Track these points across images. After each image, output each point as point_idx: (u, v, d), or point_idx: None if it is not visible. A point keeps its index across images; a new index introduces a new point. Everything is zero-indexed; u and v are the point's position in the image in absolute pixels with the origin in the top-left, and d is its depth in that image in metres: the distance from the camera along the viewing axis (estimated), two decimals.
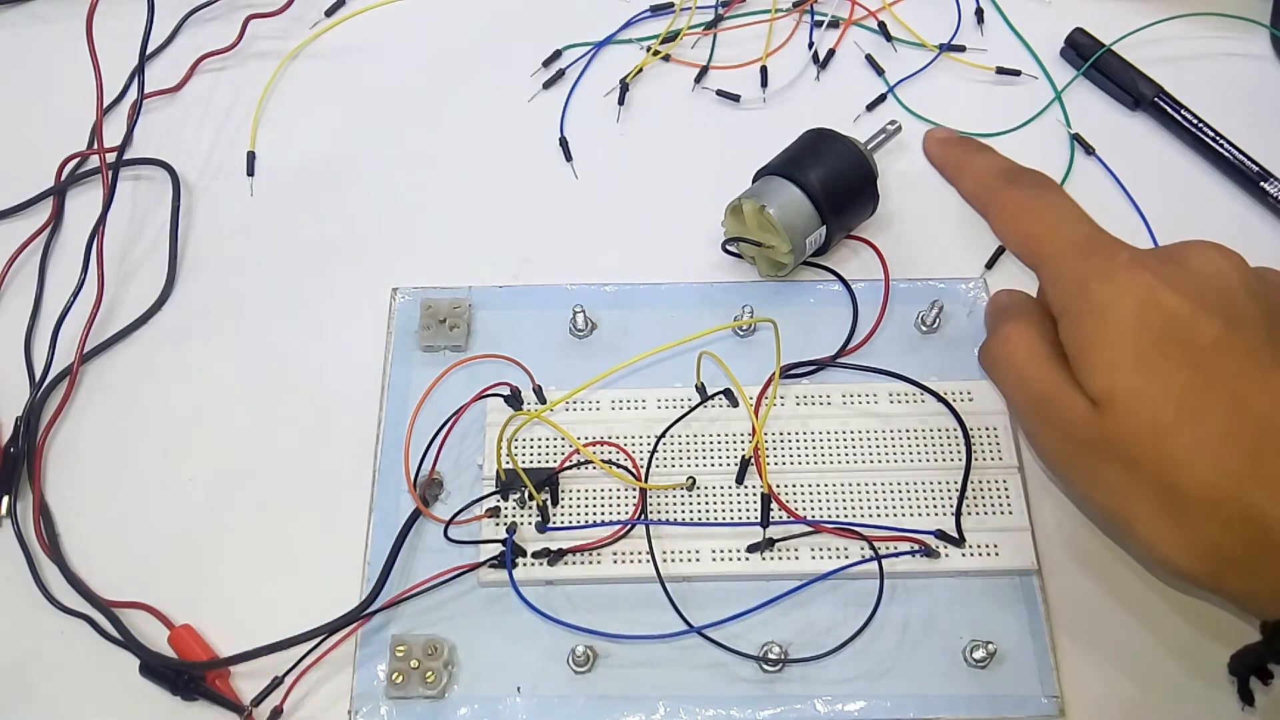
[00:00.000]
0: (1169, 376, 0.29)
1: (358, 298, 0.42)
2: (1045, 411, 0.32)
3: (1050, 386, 0.32)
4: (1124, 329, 0.30)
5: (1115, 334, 0.30)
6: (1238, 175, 0.45)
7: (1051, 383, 0.32)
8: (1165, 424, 0.29)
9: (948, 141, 0.37)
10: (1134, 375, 0.30)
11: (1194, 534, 0.29)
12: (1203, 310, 0.30)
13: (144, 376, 0.41)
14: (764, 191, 0.40)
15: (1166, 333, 0.30)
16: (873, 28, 0.50)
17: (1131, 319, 0.30)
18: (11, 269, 0.44)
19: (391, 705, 0.34)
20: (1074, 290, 0.32)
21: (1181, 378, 0.29)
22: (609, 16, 0.50)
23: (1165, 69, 0.47)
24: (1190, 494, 0.29)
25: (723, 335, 0.41)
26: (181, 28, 0.51)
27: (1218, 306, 0.30)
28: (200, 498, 0.39)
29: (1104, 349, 0.30)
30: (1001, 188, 0.35)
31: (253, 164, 0.47)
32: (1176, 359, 0.30)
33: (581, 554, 0.36)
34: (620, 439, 0.38)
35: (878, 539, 0.36)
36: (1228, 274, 0.31)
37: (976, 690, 0.34)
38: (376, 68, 0.50)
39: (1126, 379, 0.30)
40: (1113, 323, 0.30)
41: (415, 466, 0.38)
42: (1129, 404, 0.30)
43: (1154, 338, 0.30)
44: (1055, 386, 0.32)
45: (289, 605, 0.35)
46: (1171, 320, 0.30)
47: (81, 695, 0.36)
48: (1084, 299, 0.31)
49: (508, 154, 0.47)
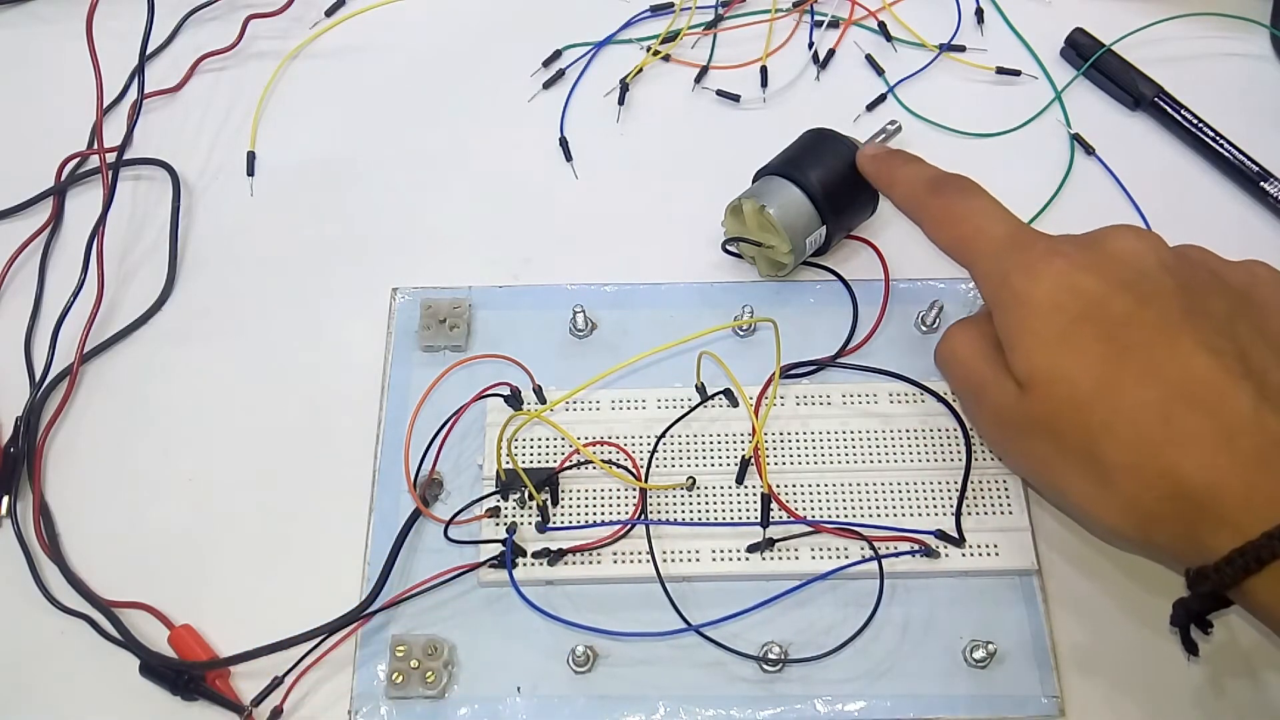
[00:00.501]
0: (1084, 352, 0.31)
1: (358, 298, 0.42)
2: (980, 398, 0.34)
3: (984, 375, 0.34)
4: (1043, 314, 0.32)
5: (1035, 320, 0.32)
6: (1238, 175, 0.45)
7: (985, 372, 0.34)
8: (1083, 397, 0.31)
9: (877, 157, 0.39)
10: (1053, 355, 0.32)
11: (1120, 495, 0.31)
12: (1116, 288, 0.32)
13: (144, 376, 0.41)
14: (764, 191, 0.40)
15: (1082, 313, 0.32)
16: (873, 28, 0.50)
17: (1049, 304, 0.32)
18: (11, 269, 0.44)
19: (391, 705, 0.34)
20: (999, 285, 0.33)
21: (1096, 352, 0.31)
22: (609, 16, 0.50)
23: (1165, 69, 0.47)
24: (1111, 459, 0.30)
25: (723, 335, 0.41)
26: (181, 28, 0.51)
27: (1131, 283, 0.32)
28: (200, 498, 0.39)
29: (1026, 335, 0.32)
30: (928, 197, 0.37)
31: (253, 164, 0.47)
32: (1091, 335, 0.31)
33: (581, 554, 0.36)
34: (620, 439, 0.38)
35: (878, 539, 0.36)
36: (1143, 253, 0.33)
37: (976, 690, 0.34)
38: (376, 68, 0.50)
39: (1046, 359, 0.32)
40: (1033, 310, 0.32)
41: (415, 466, 0.38)
42: (1050, 382, 0.32)
43: (1070, 318, 0.32)
44: (988, 375, 0.34)
45: (289, 605, 0.35)
46: (1086, 301, 0.32)
47: (81, 695, 0.36)
48: (1007, 291, 0.33)
49: (508, 154, 0.47)
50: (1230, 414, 0.29)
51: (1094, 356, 0.31)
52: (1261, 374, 0.30)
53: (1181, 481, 0.29)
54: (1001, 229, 0.35)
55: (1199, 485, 0.29)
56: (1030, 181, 0.45)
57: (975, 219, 0.35)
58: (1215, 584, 0.28)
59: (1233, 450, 0.29)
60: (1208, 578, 0.29)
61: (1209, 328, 0.31)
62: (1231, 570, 0.28)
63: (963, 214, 0.36)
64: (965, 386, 0.36)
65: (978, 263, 0.35)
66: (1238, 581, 0.28)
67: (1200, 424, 0.29)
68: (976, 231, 0.35)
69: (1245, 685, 0.35)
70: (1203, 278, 0.33)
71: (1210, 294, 0.32)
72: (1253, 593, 0.28)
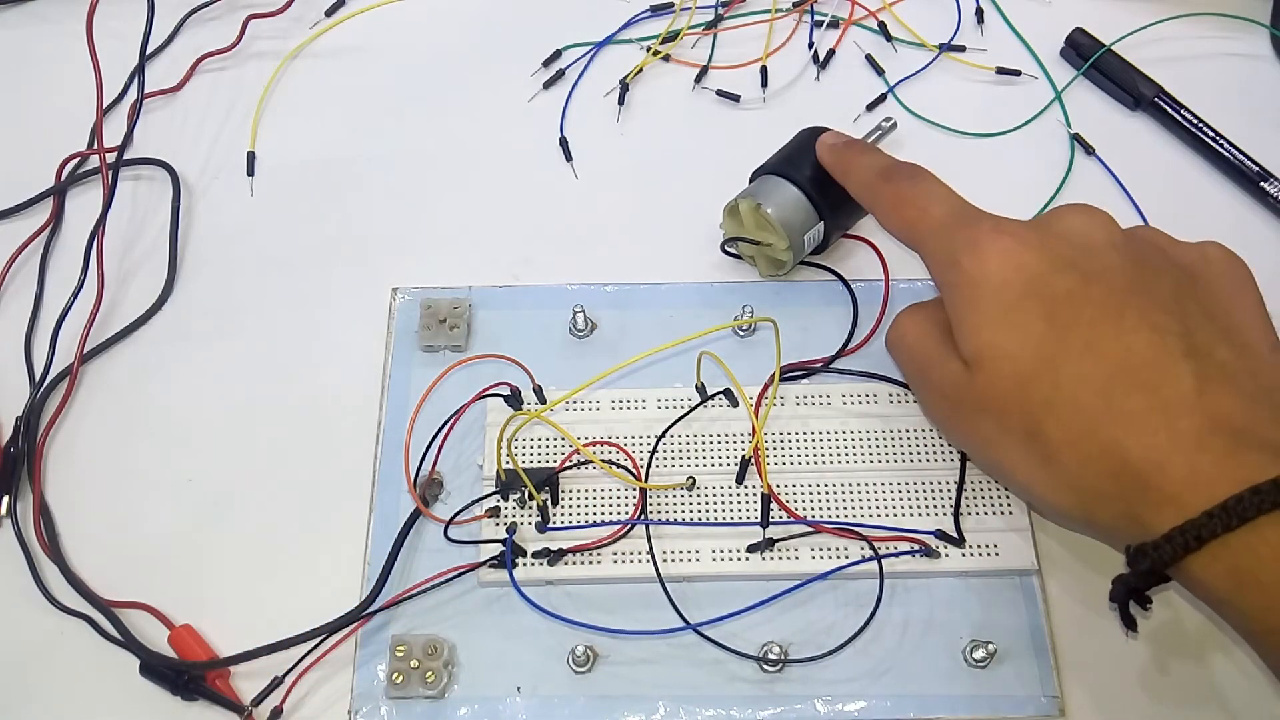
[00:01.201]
0: (1027, 329, 0.31)
1: (358, 298, 0.42)
2: (926, 377, 0.35)
3: (930, 355, 0.34)
4: (987, 292, 0.32)
5: (981, 297, 0.32)
6: (1238, 175, 0.45)
7: (931, 351, 0.34)
8: (1025, 374, 0.31)
9: (835, 147, 0.40)
10: (996, 332, 0.32)
11: (1062, 472, 0.31)
12: (1060, 266, 0.32)
13: (144, 376, 0.41)
14: (760, 190, 0.40)
15: (1026, 290, 0.32)
16: (873, 28, 0.50)
17: (995, 281, 0.32)
18: (11, 269, 0.44)
19: (391, 705, 0.34)
20: (946, 264, 0.34)
21: (1038, 329, 0.31)
22: (609, 16, 0.50)
23: (1165, 69, 0.47)
24: (1053, 436, 0.31)
25: (723, 335, 0.41)
26: (181, 28, 0.51)
27: (1076, 261, 0.32)
28: (200, 498, 0.39)
29: (971, 313, 0.32)
30: (880, 184, 0.38)
31: (253, 164, 0.47)
32: (1034, 313, 0.31)
33: (581, 554, 0.36)
34: (620, 439, 0.38)
35: (878, 539, 0.36)
36: (1091, 231, 0.33)
37: (976, 690, 0.34)
38: (376, 68, 0.50)
39: (990, 337, 0.32)
40: (979, 287, 0.32)
41: (415, 466, 0.38)
42: (993, 360, 0.32)
43: (1015, 296, 0.32)
44: (934, 354, 0.34)
45: (289, 605, 0.35)
46: (1031, 278, 0.32)
47: (81, 695, 0.36)
48: (954, 271, 0.33)
49: (508, 154, 0.47)
50: (1172, 393, 0.30)
51: (1037, 333, 0.31)
52: (1205, 353, 0.30)
53: (1123, 459, 0.29)
54: (947, 209, 0.35)
55: (1141, 463, 0.29)
56: (1030, 181, 0.45)
57: (922, 201, 0.36)
58: (1155, 562, 0.29)
59: (1174, 430, 0.29)
60: (1147, 555, 0.29)
61: (1154, 306, 0.31)
62: (1171, 548, 0.28)
63: (910, 197, 0.36)
64: (912, 368, 0.36)
65: (926, 242, 0.35)
66: (1177, 559, 0.28)
67: (1141, 402, 0.30)
68: (923, 213, 0.35)
69: (1247, 686, 0.35)
70: (1151, 256, 0.33)
71: (1158, 273, 0.32)
72: (1191, 570, 0.28)
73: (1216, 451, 0.29)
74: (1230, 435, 0.29)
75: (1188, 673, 0.35)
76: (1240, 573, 0.28)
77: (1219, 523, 0.27)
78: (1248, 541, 0.27)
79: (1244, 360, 0.31)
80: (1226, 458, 0.28)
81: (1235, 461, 0.28)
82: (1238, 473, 0.28)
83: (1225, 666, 0.35)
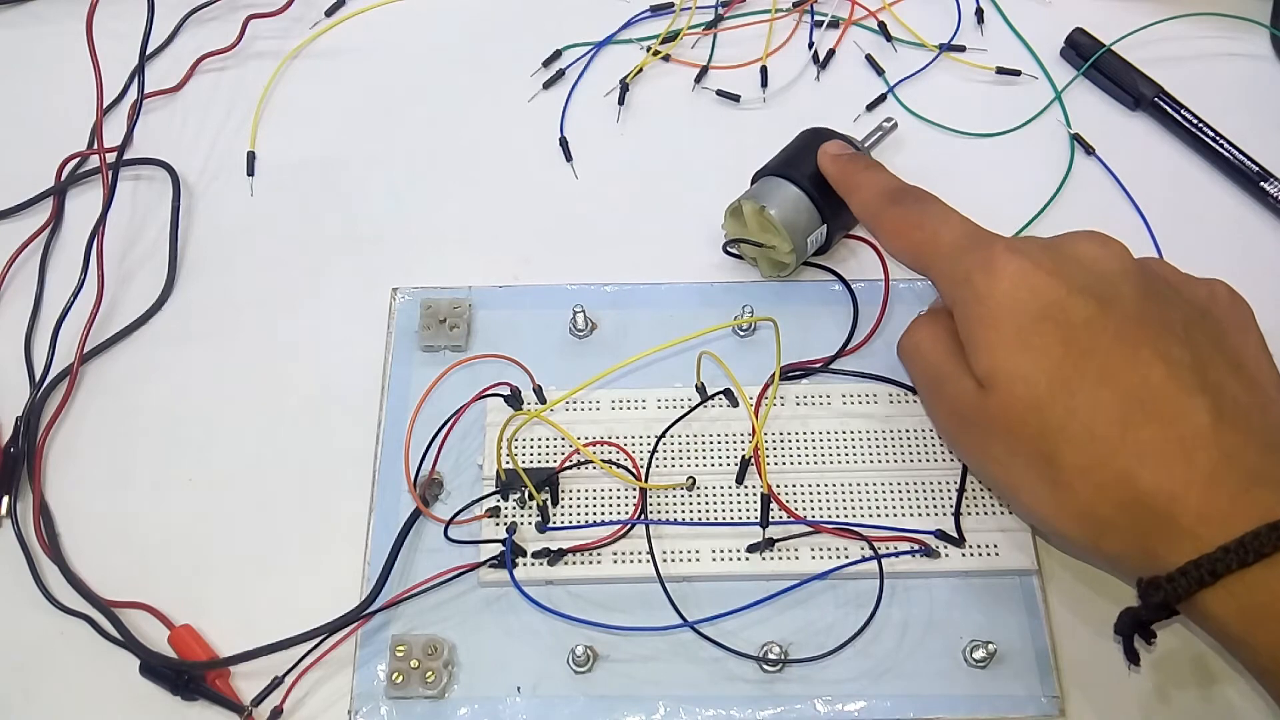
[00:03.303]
0: (1043, 353, 0.31)
1: (358, 298, 0.42)
2: (938, 391, 0.35)
3: (943, 369, 0.34)
4: (1002, 312, 0.32)
5: (995, 318, 0.32)
6: (1238, 175, 0.45)
7: (945, 365, 0.34)
8: (1040, 398, 0.31)
9: (839, 159, 0.39)
10: (1011, 354, 0.32)
11: (1072, 499, 0.31)
12: (1076, 292, 0.32)
13: (144, 376, 0.41)
14: (763, 192, 0.40)
15: (1042, 314, 0.32)
16: (873, 28, 0.50)
17: (1009, 302, 0.32)
18: (11, 269, 0.44)
19: (391, 705, 0.34)
20: (959, 284, 0.33)
21: (1055, 354, 0.31)
22: (609, 16, 0.50)
23: (1165, 69, 0.47)
24: (1065, 462, 0.31)
25: (723, 335, 0.41)
26: (181, 28, 0.51)
27: (1091, 288, 0.32)
28: (200, 498, 0.39)
29: (986, 332, 0.32)
30: (885, 207, 0.38)
31: (253, 164, 0.47)
32: (1051, 337, 0.31)
33: (581, 554, 0.36)
34: (620, 439, 0.38)
35: (877, 539, 0.36)
36: (1105, 259, 0.33)
37: (976, 690, 0.34)
38: (376, 68, 0.50)
39: (1005, 358, 0.32)
40: (993, 308, 0.32)
41: (415, 466, 0.38)
42: (1008, 381, 0.32)
43: (1030, 319, 0.32)
44: (947, 369, 0.34)
45: (289, 605, 0.36)
46: (1047, 302, 0.32)
47: (81, 695, 0.36)
48: (968, 289, 0.33)
49: (508, 154, 0.47)
50: (1187, 427, 0.29)
51: (1054, 358, 0.31)
52: (1218, 388, 0.30)
53: (1138, 490, 0.29)
54: (958, 231, 0.35)
55: (1155, 495, 0.29)
56: (1030, 182, 0.45)
57: (931, 225, 0.36)
58: (1169, 595, 0.29)
59: (1190, 463, 0.29)
60: (1161, 588, 0.29)
61: (1168, 338, 0.31)
62: (1186, 582, 0.28)
63: (919, 221, 0.36)
64: (925, 379, 0.36)
65: (936, 264, 0.35)
66: (1191, 593, 0.28)
67: (1157, 434, 0.30)
68: (932, 235, 0.35)
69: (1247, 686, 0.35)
70: (1163, 289, 0.33)
71: (1170, 305, 0.32)
72: (1203, 605, 0.28)
73: (1231, 487, 0.29)
74: (1245, 472, 0.29)
75: (1187, 672, 0.35)
76: (1253, 609, 0.28)
77: (1235, 558, 0.27)
78: (1263, 578, 0.27)
79: (1254, 396, 0.31)
80: (1241, 493, 0.28)
81: (1249, 498, 0.28)
82: (1252, 509, 0.28)
83: (1225, 666, 0.35)
